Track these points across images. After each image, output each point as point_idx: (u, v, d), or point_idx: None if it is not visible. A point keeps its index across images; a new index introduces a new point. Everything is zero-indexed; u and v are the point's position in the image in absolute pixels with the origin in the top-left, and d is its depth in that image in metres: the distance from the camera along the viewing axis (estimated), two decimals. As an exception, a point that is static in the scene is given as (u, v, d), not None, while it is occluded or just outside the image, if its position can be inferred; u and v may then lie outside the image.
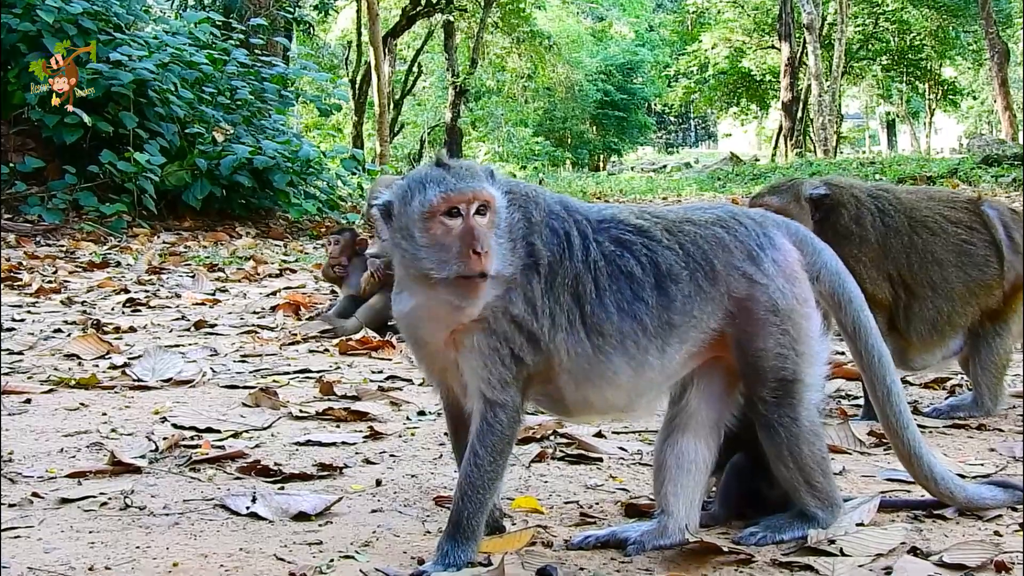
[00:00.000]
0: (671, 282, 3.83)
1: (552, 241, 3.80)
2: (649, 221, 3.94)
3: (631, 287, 3.82)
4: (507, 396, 3.78)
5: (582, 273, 3.79)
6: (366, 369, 7.72)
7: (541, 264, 3.77)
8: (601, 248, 3.84)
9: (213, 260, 15.30)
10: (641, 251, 3.86)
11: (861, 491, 4.75)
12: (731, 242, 3.92)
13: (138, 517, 4.33)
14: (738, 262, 3.90)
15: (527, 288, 3.74)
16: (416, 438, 5.72)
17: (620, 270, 3.82)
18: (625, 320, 3.80)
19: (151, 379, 7.08)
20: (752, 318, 3.88)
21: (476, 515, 3.77)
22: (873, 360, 4.17)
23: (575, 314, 3.79)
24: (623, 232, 3.89)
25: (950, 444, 5.68)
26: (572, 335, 3.79)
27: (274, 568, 3.77)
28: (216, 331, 9.46)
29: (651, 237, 3.89)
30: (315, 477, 4.95)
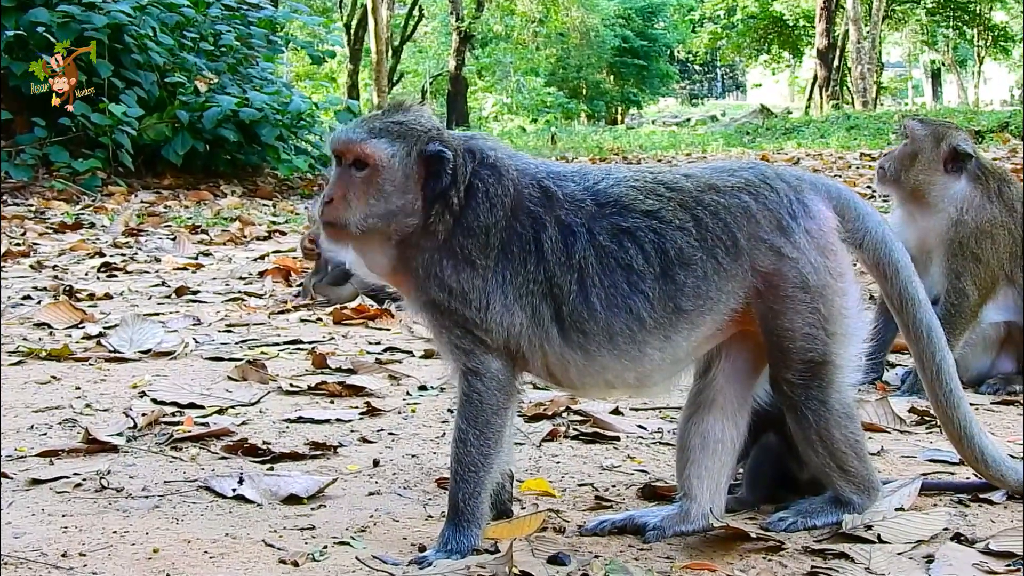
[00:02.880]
0: (681, 268, 3.79)
1: (517, 237, 3.79)
2: (662, 199, 3.86)
3: (628, 281, 3.78)
4: (476, 362, 3.81)
5: (559, 274, 3.76)
6: (362, 340, 7.74)
7: (489, 245, 3.78)
8: (594, 242, 3.79)
9: (195, 221, 15.31)
10: (647, 238, 3.80)
11: (901, 473, 4.76)
12: (759, 211, 3.86)
13: (115, 500, 4.35)
14: (765, 233, 3.84)
15: (458, 263, 3.77)
16: (417, 415, 5.73)
17: (617, 263, 3.78)
18: (616, 317, 3.78)
19: (128, 350, 7.09)
20: (779, 295, 3.84)
21: (473, 497, 3.80)
22: (922, 334, 4.12)
23: (544, 312, 3.77)
24: (627, 219, 3.82)
25: (998, 422, 5.68)
26: (538, 331, 3.79)
27: (263, 555, 3.78)
28: (199, 298, 9.47)
29: (661, 219, 3.82)
30: (307, 457, 4.97)
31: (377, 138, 3.82)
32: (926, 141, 6.28)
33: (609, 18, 73.29)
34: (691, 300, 3.79)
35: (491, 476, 3.84)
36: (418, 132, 3.85)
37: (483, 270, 3.75)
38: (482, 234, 3.76)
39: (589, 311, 3.75)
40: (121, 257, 12.00)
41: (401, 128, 3.85)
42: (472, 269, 3.75)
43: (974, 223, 6.17)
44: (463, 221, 3.77)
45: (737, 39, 71.24)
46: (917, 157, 6.26)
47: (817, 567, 3.72)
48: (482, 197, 3.79)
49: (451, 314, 3.78)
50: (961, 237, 6.17)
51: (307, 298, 9.23)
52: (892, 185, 6.35)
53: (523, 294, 3.75)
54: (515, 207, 3.80)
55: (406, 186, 3.80)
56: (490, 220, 3.77)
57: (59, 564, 3.65)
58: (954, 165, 6.25)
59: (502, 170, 3.85)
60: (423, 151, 3.81)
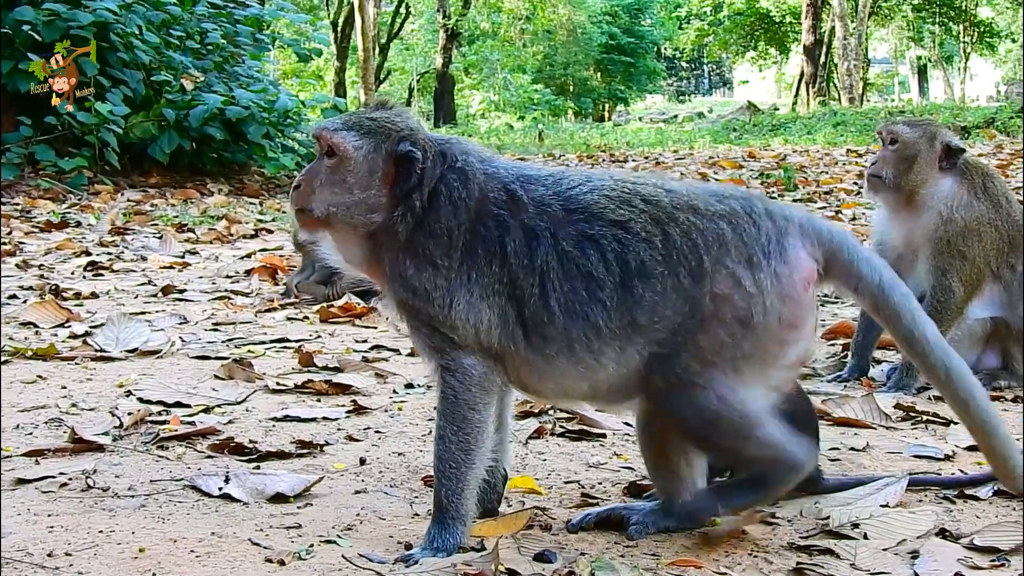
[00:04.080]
0: (640, 281, 3.71)
1: (481, 240, 3.79)
2: (634, 211, 3.78)
3: (587, 288, 3.73)
4: (448, 359, 3.83)
5: (522, 277, 3.75)
6: (349, 338, 7.74)
7: (451, 247, 3.79)
8: (558, 247, 3.76)
9: (182, 219, 15.28)
10: (610, 247, 3.74)
11: (887, 469, 4.78)
12: (732, 240, 3.74)
13: (101, 499, 4.35)
14: (731, 262, 3.72)
15: (420, 263, 3.80)
16: (403, 413, 5.74)
17: (578, 270, 3.74)
18: (574, 323, 3.74)
19: (115, 349, 7.08)
20: (717, 317, 3.72)
21: (456, 494, 3.81)
22: (939, 373, 3.86)
23: (509, 313, 3.77)
24: (593, 226, 3.77)
25: (984, 418, 5.69)
26: (505, 331, 3.79)
27: (249, 553, 3.78)
28: (185, 297, 9.46)
29: (628, 230, 3.75)
30: (293, 455, 4.97)
31: (348, 130, 3.90)
32: (922, 143, 6.28)
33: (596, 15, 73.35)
34: (647, 314, 3.71)
35: (474, 473, 3.84)
36: (391, 130, 3.89)
37: (446, 270, 3.76)
38: (444, 236, 3.78)
39: (548, 315, 3.74)
40: (107, 256, 11.98)
41: (374, 124, 3.91)
42: (434, 269, 3.77)
43: (963, 221, 6.19)
44: (425, 223, 3.80)
45: (724, 36, 71.32)
46: (916, 160, 6.26)
47: (802, 563, 3.73)
48: (445, 200, 3.81)
49: (418, 313, 3.81)
50: (949, 235, 6.18)
51: (291, 297, 9.24)
52: (890, 192, 6.33)
53: (488, 294, 3.75)
54: (479, 211, 3.80)
55: (370, 181, 3.87)
56: (452, 223, 3.78)
57: (44, 564, 3.65)
58: (947, 162, 6.27)
59: (469, 174, 3.86)
60: (393, 150, 3.86)
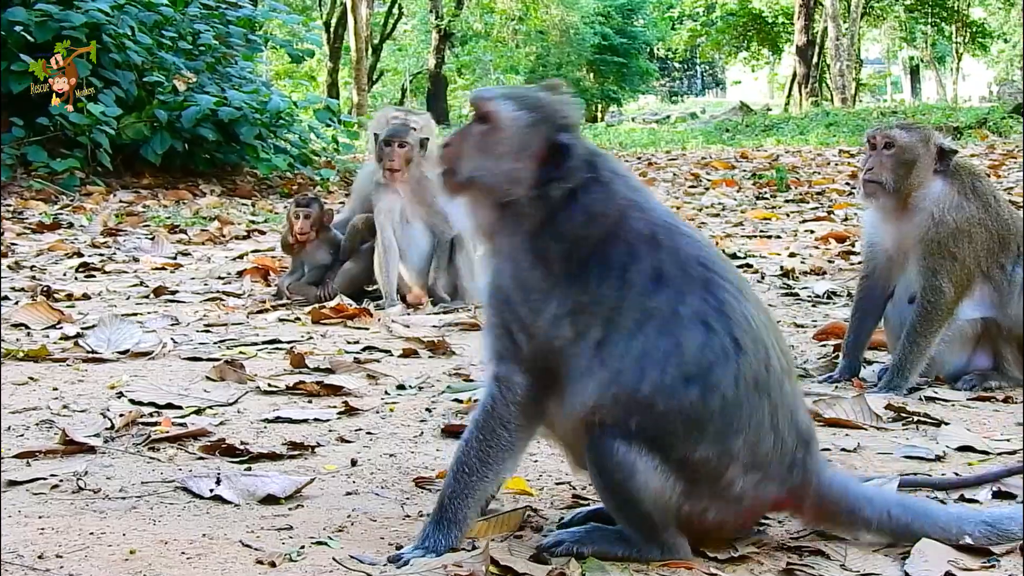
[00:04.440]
0: (686, 388, 3.62)
1: (605, 260, 3.71)
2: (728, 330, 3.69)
3: (665, 351, 3.63)
4: (503, 369, 3.80)
5: (626, 311, 3.65)
6: (341, 339, 7.74)
7: (572, 256, 3.73)
8: (675, 304, 3.66)
9: (174, 221, 15.27)
10: (698, 337, 3.64)
11: (878, 470, 4.78)
12: (760, 442, 3.68)
13: (92, 501, 4.35)
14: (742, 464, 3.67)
15: (536, 260, 3.75)
16: (395, 414, 5.74)
17: (672, 333, 3.63)
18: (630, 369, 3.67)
19: (106, 351, 7.08)
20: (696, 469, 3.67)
21: (460, 499, 3.79)
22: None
23: (591, 337, 3.67)
24: (708, 308, 3.68)
25: (975, 418, 5.72)
26: (573, 348, 3.71)
27: (240, 555, 3.78)
28: (177, 298, 9.45)
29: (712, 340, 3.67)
30: (285, 457, 4.97)
31: (507, 100, 3.86)
32: (920, 147, 6.28)
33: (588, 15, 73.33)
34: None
35: (485, 485, 3.83)
36: (553, 115, 3.85)
37: (554, 276, 3.72)
38: (568, 242, 3.73)
39: (624, 350, 3.65)
40: (99, 257, 11.97)
41: (537, 102, 3.88)
42: (546, 270, 3.73)
43: (954, 222, 6.20)
44: (556, 224, 3.76)
45: (716, 36, 71.29)
46: (915, 164, 6.26)
47: (793, 563, 3.73)
48: (582, 209, 3.76)
49: (503, 308, 3.78)
50: (941, 236, 6.19)
51: (282, 299, 9.26)
52: (888, 197, 6.32)
53: (582, 312, 3.68)
54: (614, 233, 3.73)
55: (519, 156, 3.81)
56: (581, 233, 3.73)
57: (35, 566, 3.64)
58: (940, 165, 6.28)
59: (615, 195, 3.80)
60: (552, 136, 3.82)
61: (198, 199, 18.15)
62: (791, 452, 3.72)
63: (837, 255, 11.53)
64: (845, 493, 3.85)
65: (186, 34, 21.43)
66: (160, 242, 12.98)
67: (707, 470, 3.63)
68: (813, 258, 11.35)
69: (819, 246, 12.39)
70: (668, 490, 3.63)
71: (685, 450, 3.60)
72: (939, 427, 5.49)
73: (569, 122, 3.88)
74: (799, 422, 3.76)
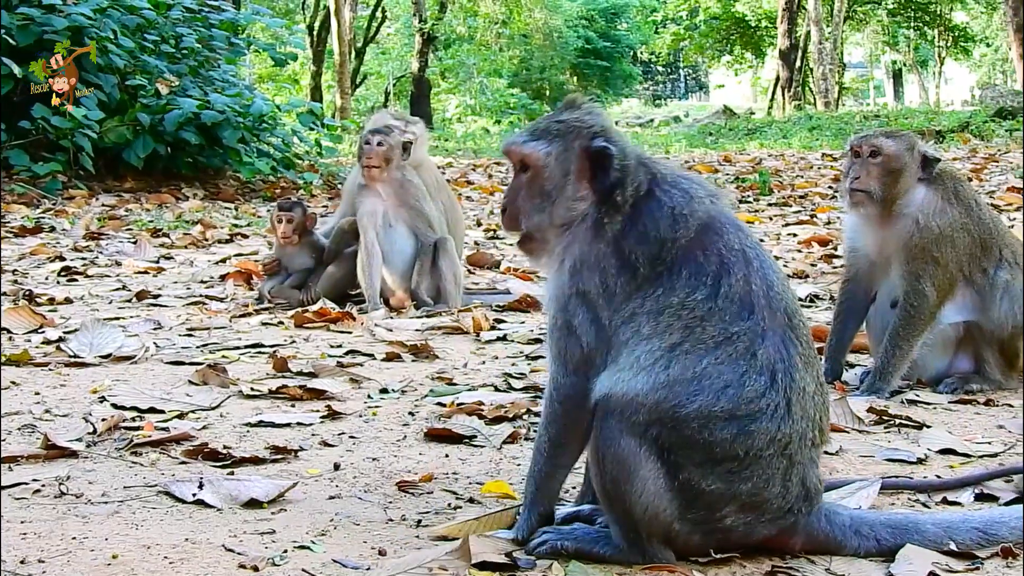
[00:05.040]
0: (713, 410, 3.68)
1: (696, 265, 3.73)
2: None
3: (707, 363, 3.68)
4: (560, 371, 3.87)
5: (707, 318, 3.69)
6: (324, 343, 7.73)
7: (660, 256, 3.75)
8: (748, 323, 3.71)
9: (157, 224, 15.24)
10: (742, 356, 3.70)
11: (859, 472, 4.80)
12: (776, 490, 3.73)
13: (74, 505, 4.34)
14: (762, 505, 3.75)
15: (623, 264, 3.77)
16: (378, 418, 5.74)
17: (728, 355, 3.68)
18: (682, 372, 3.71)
19: (89, 355, 7.07)
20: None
21: (531, 486, 3.99)
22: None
23: (670, 338, 3.69)
24: (764, 332, 3.74)
25: (956, 421, 5.74)
26: (649, 348, 3.72)
27: (223, 560, 3.79)
28: (160, 302, 9.44)
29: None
30: (267, 461, 4.97)
31: (536, 140, 3.91)
32: (906, 155, 6.29)
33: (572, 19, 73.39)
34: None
35: (550, 476, 3.98)
36: (579, 129, 3.90)
37: (641, 279, 3.74)
38: (656, 244, 3.74)
39: (692, 363, 3.66)
40: (82, 261, 11.94)
41: (562, 127, 3.92)
42: (632, 273, 3.75)
43: (938, 228, 6.21)
44: (639, 227, 3.78)
45: (700, 40, 71.34)
46: (902, 172, 6.26)
47: (777, 567, 3.75)
48: (665, 210, 3.78)
49: (578, 309, 3.80)
50: (925, 242, 6.20)
51: (264, 303, 9.25)
52: (875, 205, 6.32)
53: (662, 313, 3.70)
54: (703, 237, 3.76)
55: (565, 182, 3.87)
56: (668, 234, 3.75)
57: (18, 571, 3.64)
58: (924, 172, 6.29)
59: (692, 196, 3.83)
60: (586, 146, 3.86)
61: (181, 203, 18.10)
62: (792, 503, 3.76)
63: (820, 259, 11.56)
64: (832, 528, 3.87)
65: (169, 37, 21.37)
66: (143, 246, 12.95)
67: (706, 500, 3.67)
68: (796, 262, 11.38)
69: (802, 250, 12.42)
70: (663, 504, 3.67)
71: (692, 476, 3.64)
72: (921, 430, 5.51)
73: (596, 129, 3.91)
74: (810, 482, 3.80)
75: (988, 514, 4.03)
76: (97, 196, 18.14)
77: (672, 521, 3.69)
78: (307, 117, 22.36)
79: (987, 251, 6.35)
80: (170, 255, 12.65)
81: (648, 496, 3.65)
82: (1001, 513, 4.03)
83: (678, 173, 3.95)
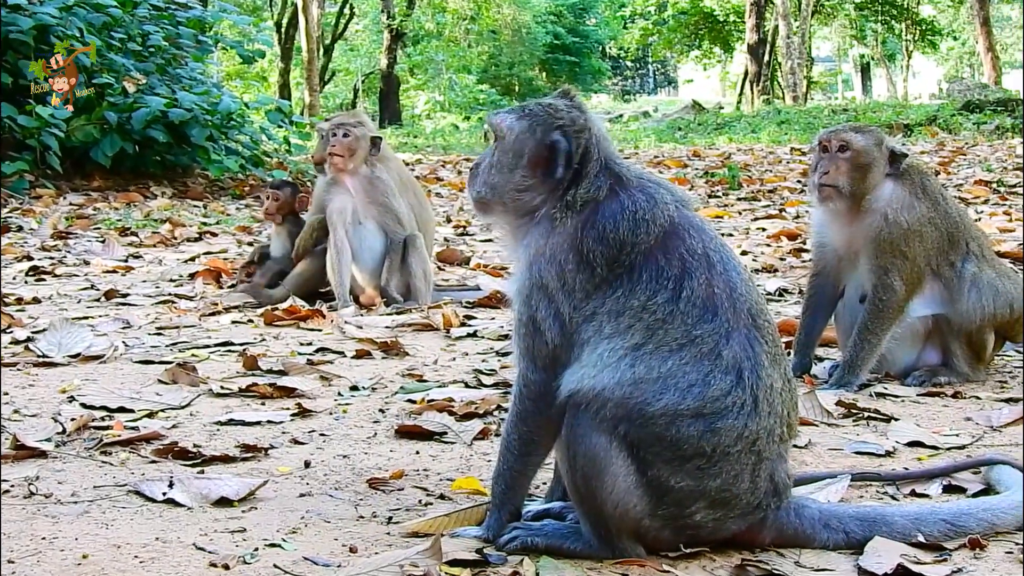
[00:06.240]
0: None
1: (656, 269, 3.75)
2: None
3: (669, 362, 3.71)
4: (527, 367, 3.88)
5: (669, 321, 3.71)
6: (294, 341, 7.72)
7: (618, 260, 3.76)
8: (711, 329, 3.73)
9: (125, 223, 15.18)
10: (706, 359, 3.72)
11: (828, 466, 4.82)
12: (745, 477, 3.75)
13: (44, 505, 4.34)
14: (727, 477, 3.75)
15: (581, 262, 3.79)
16: (348, 416, 5.74)
17: (689, 353, 3.70)
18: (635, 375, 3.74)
19: (57, 355, 7.05)
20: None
21: (498, 484, 4.00)
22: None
23: (632, 340, 3.71)
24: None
25: (924, 413, 5.77)
26: (606, 344, 3.75)
27: (193, 558, 3.79)
28: (129, 301, 9.41)
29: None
30: (238, 459, 4.97)
31: (511, 114, 3.98)
32: (875, 150, 6.31)
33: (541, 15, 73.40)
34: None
35: (519, 473, 3.99)
36: (549, 117, 3.92)
37: (599, 280, 3.75)
38: (614, 247, 3.76)
39: (657, 364, 3.70)
40: (50, 260, 11.89)
41: (537, 111, 3.95)
42: (590, 272, 3.76)
43: (907, 223, 6.24)
44: (598, 227, 3.78)
45: (668, 35, 71.42)
46: (871, 167, 6.29)
47: (747, 560, 3.76)
48: (627, 213, 3.79)
49: (543, 303, 3.81)
50: (893, 237, 6.23)
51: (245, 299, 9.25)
52: (843, 200, 6.34)
53: (620, 313, 3.73)
54: (667, 242, 3.78)
55: (518, 162, 3.91)
56: (628, 237, 3.76)
57: (-13, 571, 3.64)
58: (891, 168, 6.32)
59: (659, 203, 3.83)
60: (543, 137, 3.89)
61: (149, 201, 18.04)
62: (761, 498, 3.79)
63: (788, 252, 11.60)
64: (801, 522, 3.89)
65: (135, 35, 21.29)
66: (111, 245, 12.91)
67: (676, 497, 3.69)
68: (765, 256, 11.41)
69: (771, 244, 12.46)
70: (633, 501, 3.69)
71: (661, 473, 3.66)
72: (889, 423, 5.54)
73: (563, 122, 3.91)
74: (779, 477, 3.82)
75: (956, 506, 4.07)
76: (65, 195, 18.06)
77: (642, 517, 3.71)
78: (275, 114, 22.30)
79: (954, 244, 6.39)
80: (139, 254, 12.61)
81: (618, 493, 3.67)
82: (969, 505, 4.07)
83: (648, 178, 3.95)
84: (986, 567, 3.72)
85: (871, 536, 3.85)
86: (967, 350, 6.39)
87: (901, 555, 3.74)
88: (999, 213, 14.50)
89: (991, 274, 6.42)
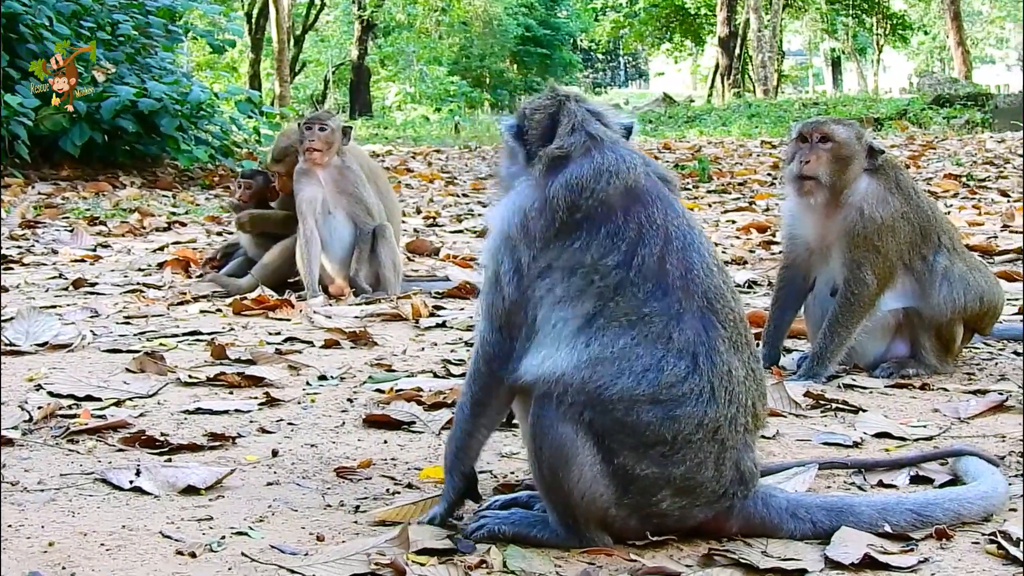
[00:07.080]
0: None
1: (614, 228, 3.78)
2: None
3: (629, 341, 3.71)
4: (483, 324, 3.93)
5: (619, 288, 3.73)
6: (262, 330, 7.71)
7: (575, 209, 3.80)
8: (662, 298, 3.75)
9: (94, 212, 15.14)
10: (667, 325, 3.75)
11: (796, 456, 4.83)
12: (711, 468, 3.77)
13: (10, 493, 4.32)
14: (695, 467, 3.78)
15: (544, 206, 3.85)
16: (316, 405, 5.74)
17: (645, 331, 3.72)
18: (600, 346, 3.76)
19: (25, 343, 7.02)
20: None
21: (449, 448, 4.04)
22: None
23: (584, 306, 3.73)
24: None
25: (892, 405, 5.79)
26: (562, 308, 3.77)
27: (160, 546, 3.78)
28: (97, 290, 9.38)
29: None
30: (205, 448, 4.97)
31: (509, 117, 4.14)
32: (856, 143, 6.33)
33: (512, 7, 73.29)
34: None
35: (468, 437, 4.03)
36: (525, 104, 4.13)
37: (559, 225, 3.79)
38: (575, 191, 3.80)
39: (610, 341, 3.70)
40: (18, 250, 11.84)
41: (521, 106, 4.16)
42: (551, 217, 3.80)
43: (881, 218, 6.26)
44: (565, 174, 3.85)
45: (639, 27, 71.49)
46: (852, 160, 6.30)
47: (714, 549, 3.77)
48: (594, 164, 3.84)
49: (504, 251, 3.86)
50: (867, 231, 6.24)
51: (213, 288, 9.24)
52: (823, 192, 6.34)
53: (573, 272, 3.75)
54: (627, 202, 3.81)
55: (508, 147, 4.09)
56: (589, 183, 3.81)
57: (-48, 559, 3.63)
58: (869, 162, 6.34)
59: (627, 162, 3.89)
60: (519, 115, 4.10)
61: (118, 191, 17.98)
62: (727, 487, 3.80)
63: (758, 245, 11.63)
64: (769, 511, 3.90)
65: (105, 24, 21.20)
66: (79, 234, 12.87)
67: (641, 485, 3.70)
68: (735, 248, 11.45)
69: (740, 236, 12.49)
70: (599, 490, 3.70)
71: (626, 460, 3.67)
72: (857, 414, 5.56)
73: (532, 102, 4.11)
74: (745, 466, 3.83)
75: (923, 496, 4.09)
76: (33, 184, 18.00)
77: (609, 506, 3.72)
78: (245, 105, 22.25)
79: (926, 239, 6.41)
80: (107, 243, 12.57)
81: (585, 482, 3.68)
82: (936, 495, 4.09)
83: (626, 145, 4.01)
84: (952, 557, 3.74)
85: (838, 526, 3.87)
86: (936, 343, 6.42)
87: (868, 545, 3.74)
88: (968, 207, 14.60)
89: (962, 267, 6.45)
